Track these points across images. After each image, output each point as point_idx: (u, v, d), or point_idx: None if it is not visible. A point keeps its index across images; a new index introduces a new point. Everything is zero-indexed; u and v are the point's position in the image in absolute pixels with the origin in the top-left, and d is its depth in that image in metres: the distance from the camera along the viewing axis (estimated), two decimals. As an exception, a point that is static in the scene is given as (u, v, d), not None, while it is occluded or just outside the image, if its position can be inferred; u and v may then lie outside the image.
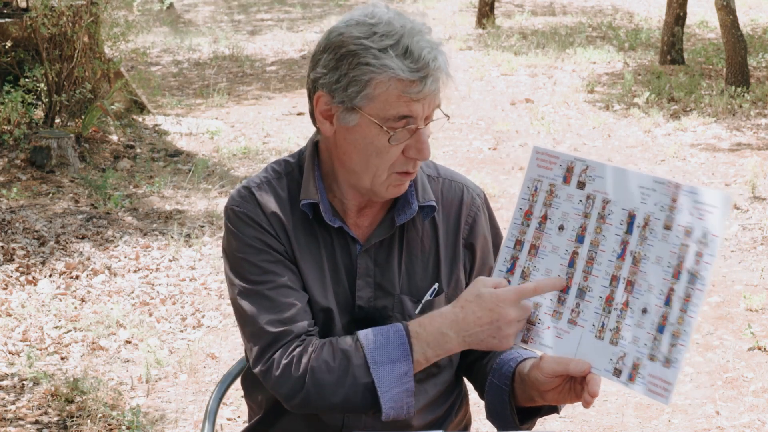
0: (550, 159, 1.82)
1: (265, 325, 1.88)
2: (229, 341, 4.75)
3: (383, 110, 1.81)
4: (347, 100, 1.83)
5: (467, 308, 1.79)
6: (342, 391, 1.82)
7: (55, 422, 3.95)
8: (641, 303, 1.71)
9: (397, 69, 1.78)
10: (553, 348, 1.79)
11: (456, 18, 15.17)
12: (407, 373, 1.81)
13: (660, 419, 4.05)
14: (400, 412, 1.83)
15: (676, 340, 1.67)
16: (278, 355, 1.86)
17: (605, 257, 1.75)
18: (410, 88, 1.79)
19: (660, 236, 1.70)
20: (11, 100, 7.16)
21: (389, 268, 1.97)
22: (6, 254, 5.58)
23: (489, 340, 1.78)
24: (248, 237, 1.92)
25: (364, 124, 1.83)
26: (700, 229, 1.67)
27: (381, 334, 1.83)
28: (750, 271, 5.61)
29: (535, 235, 1.82)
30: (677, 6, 10.98)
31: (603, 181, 1.76)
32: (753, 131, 8.62)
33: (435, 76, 1.81)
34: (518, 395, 1.93)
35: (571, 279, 1.78)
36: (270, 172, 2.00)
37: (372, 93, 1.81)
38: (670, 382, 1.67)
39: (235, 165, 7.77)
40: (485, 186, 6.94)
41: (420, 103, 1.82)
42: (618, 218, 1.74)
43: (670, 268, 1.69)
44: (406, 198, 1.96)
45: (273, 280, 1.90)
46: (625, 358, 1.72)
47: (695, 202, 1.67)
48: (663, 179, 1.71)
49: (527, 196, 1.84)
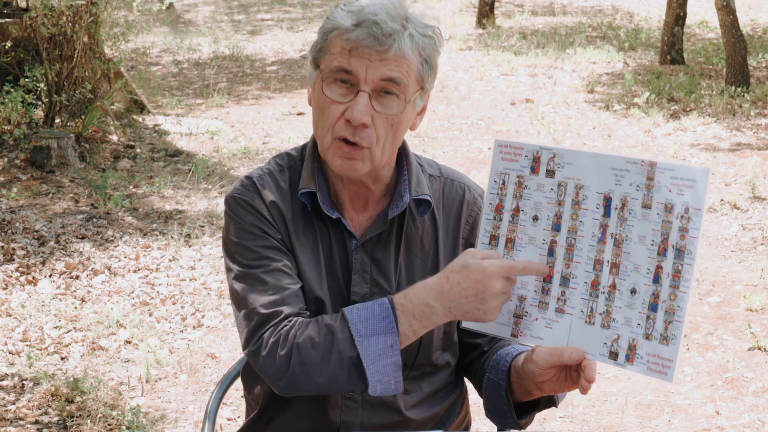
0: (515, 150, 1.82)
1: (258, 306, 1.88)
2: (229, 341, 4.75)
3: (328, 62, 1.87)
4: (313, 61, 1.92)
5: (452, 279, 1.78)
6: (327, 368, 1.81)
7: (55, 422, 3.95)
8: (629, 284, 1.70)
9: (340, 18, 1.85)
10: (544, 339, 1.79)
11: (456, 18, 15.18)
12: (393, 345, 1.80)
13: (660, 419, 4.06)
14: (388, 386, 1.81)
15: (671, 316, 1.67)
16: (267, 335, 1.86)
17: (585, 242, 1.74)
18: (345, 35, 1.84)
19: (639, 215, 1.70)
20: (11, 100, 7.16)
21: (386, 264, 1.98)
22: (6, 254, 5.58)
23: (474, 311, 1.77)
24: (246, 223, 1.93)
25: (317, 80, 1.90)
26: (681, 204, 1.66)
27: (366, 308, 1.83)
28: (750, 271, 5.61)
29: (510, 228, 1.81)
30: (677, 6, 10.98)
31: (572, 167, 1.76)
32: (753, 131, 8.62)
33: (371, 30, 1.82)
34: (515, 390, 1.94)
35: (553, 268, 1.77)
36: (273, 164, 2.02)
37: (324, 46, 1.88)
38: (670, 359, 1.66)
39: (235, 165, 7.77)
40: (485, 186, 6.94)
41: (358, 60, 1.83)
42: (593, 202, 1.74)
43: (655, 246, 1.68)
44: (399, 192, 1.97)
45: (268, 264, 1.91)
46: (619, 340, 1.71)
47: (672, 178, 1.67)
48: (635, 159, 1.70)
49: (495, 190, 1.84)
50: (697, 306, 5.16)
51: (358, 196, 1.98)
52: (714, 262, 5.77)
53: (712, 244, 6.04)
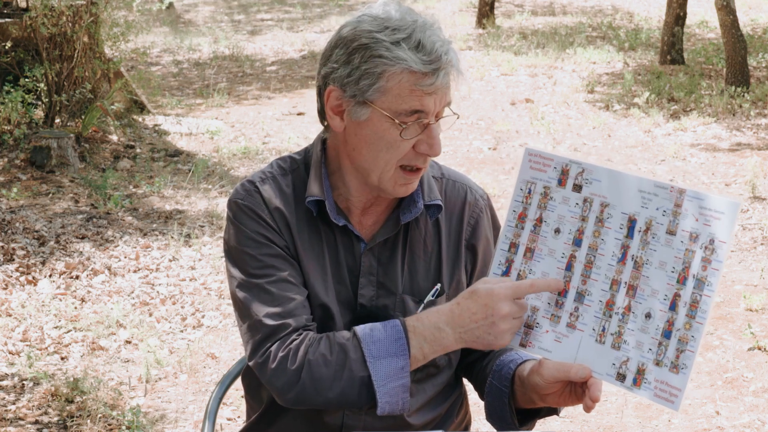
0: (544, 161, 1.81)
1: (263, 317, 1.88)
2: (229, 341, 4.75)
3: (395, 104, 1.82)
4: (359, 94, 1.84)
5: (463, 304, 1.79)
6: (339, 384, 1.82)
7: (55, 422, 3.95)
8: (644, 308, 1.69)
9: (410, 61, 1.80)
10: (552, 352, 1.78)
11: (456, 18, 15.17)
12: (404, 368, 1.82)
13: (660, 419, 4.06)
14: (395, 407, 1.83)
15: (684, 345, 1.66)
16: (275, 348, 1.86)
17: (605, 261, 1.73)
18: (422, 81, 1.81)
19: (663, 241, 1.68)
20: (11, 100, 7.16)
21: (392, 267, 1.98)
22: (6, 254, 5.58)
23: (485, 337, 1.78)
24: (250, 230, 1.92)
25: (376, 118, 1.84)
26: (706, 235, 1.65)
27: (378, 329, 1.84)
28: (750, 271, 5.61)
29: (530, 237, 1.81)
30: (677, 6, 10.98)
31: (600, 184, 1.75)
32: (753, 131, 8.62)
33: (447, 70, 1.83)
34: (518, 397, 1.93)
35: (569, 282, 1.76)
36: (275, 167, 2.00)
37: (384, 86, 1.82)
38: (678, 388, 1.66)
39: (235, 165, 7.77)
40: (485, 186, 6.95)
41: (432, 98, 1.83)
42: (617, 222, 1.73)
43: (675, 273, 1.67)
44: (412, 197, 1.97)
45: (273, 274, 1.90)
46: (628, 363, 1.70)
47: (701, 207, 1.66)
48: (665, 183, 1.69)
49: (521, 198, 1.83)
50: (697, 306, 5.16)
51: (370, 202, 1.98)
52: (714, 262, 5.77)
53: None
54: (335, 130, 1.91)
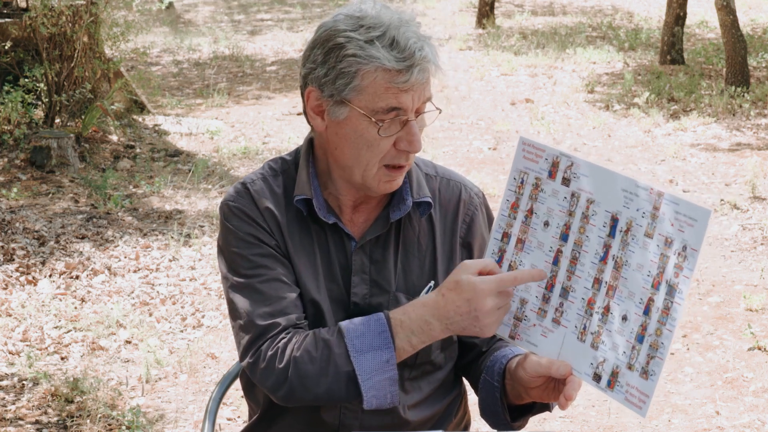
0: (537, 151, 1.80)
1: (255, 318, 1.89)
2: (229, 341, 4.75)
3: (372, 102, 1.83)
4: (336, 93, 1.84)
5: (447, 296, 1.79)
6: (325, 380, 1.83)
7: (55, 422, 3.95)
8: (621, 309, 1.68)
9: (383, 59, 1.80)
10: (538, 346, 1.78)
11: (456, 18, 15.17)
12: (389, 361, 1.82)
13: (660, 419, 4.06)
14: (383, 401, 1.84)
15: (654, 352, 1.64)
16: (265, 347, 1.87)
17: (588, 258, 1.73)
18: (397, 78, 1.81)
19: (641, 243, 1.67)
20: (11, 100, 7.16)
21: (385, 265, 1.98)
22: (6, 254, 5.58)
23: (471, 328, 1.79)
24: (241, 232, 1.93)
25: (354, 116, 1.85)
26: (680, 241, 1.63)
27: (362, 323, 1.84)
28: (750, 271, 5.61)
29: (522, 228, 1.81)
30: (677, 6, 10.98)
31: (587, 179, 1.73)
32: (753, 131, 8.62)
33: (422, 66, 1.82)
34: (509, 392, 1.94)
35: (555, 277, 1.76)
36: (266, 169, 2.02)
37: (360, 84, 1.82)
38: (647, 394, 1.64)
39: (235, 165, 7.77)
40: (485, 186, 6.95)
41: (408, 94, 1.83)
42: (601, 220, 1.71)
43: (650, 278, 1.65)
44: (401, 194, 1.97)
45: (264, 274, 1.91)
46: (604, 364, 1.69)
47: (676, 213, 1.63)
48: (646, 185, 1.67)
49: (513, 187, 1.82)
50: (697, 306, 5.16)
51: (360, 200, 1.98)
52: (714, 262, 5.77)
53: (712, 244, 6.03)
54: (317, 129, 1.92)
